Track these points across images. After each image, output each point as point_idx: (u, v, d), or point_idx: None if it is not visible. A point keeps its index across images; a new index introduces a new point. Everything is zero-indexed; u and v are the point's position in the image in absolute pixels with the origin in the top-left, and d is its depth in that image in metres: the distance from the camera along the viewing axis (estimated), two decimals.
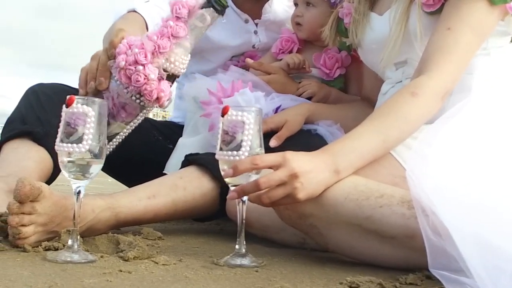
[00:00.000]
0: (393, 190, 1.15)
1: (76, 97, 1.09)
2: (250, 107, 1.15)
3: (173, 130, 1.95)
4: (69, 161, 1.09)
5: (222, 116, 1.13)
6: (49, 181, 1.56)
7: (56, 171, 1.59)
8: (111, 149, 1.31)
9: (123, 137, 1.32)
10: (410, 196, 1.11)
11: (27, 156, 1.50)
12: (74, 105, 1.08)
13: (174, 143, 1.84)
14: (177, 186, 1.44)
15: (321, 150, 1.21)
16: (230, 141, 1.12)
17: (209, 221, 1.66)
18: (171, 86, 1.31)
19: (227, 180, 1.15)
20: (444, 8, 1.35)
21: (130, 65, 1.23)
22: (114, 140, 1.29)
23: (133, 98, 1.23)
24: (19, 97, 1.70)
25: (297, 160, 1.11)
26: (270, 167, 1.12)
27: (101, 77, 1.24)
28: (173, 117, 2.11)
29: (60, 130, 1.09)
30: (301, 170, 1.10)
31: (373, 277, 1.01)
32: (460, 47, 1.30)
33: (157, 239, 1.35)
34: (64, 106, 1.09)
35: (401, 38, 1.38)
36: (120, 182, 1.97)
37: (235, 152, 1.11)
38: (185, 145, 1.74)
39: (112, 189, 2.19)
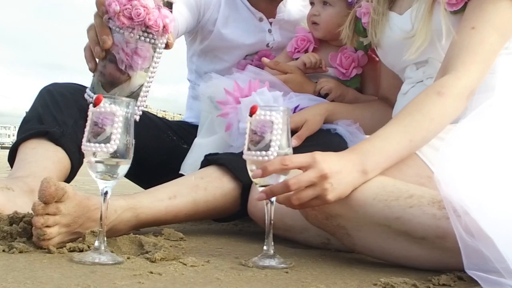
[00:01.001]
0: (422, 191, 1.14)
1: (104, 96, 1.07)
2: (278, 107, 1.13)
3: (187, 130, 1.93)
4: (97, 161, 1.07)
5: (250, 115, 1.12)
6: (67, 181, 1.55)
7: (73, 172, 1.57)
8: (144, 104, 1.28)
9: (149, 87, 1.27)
10: (440, 197, 1.10)
11: (45, 156, 1.48)
12: (101, 104, 1.06)
13: (188, 143, 1.83)
14: (197, 187, 1.43)
15: (349, 150, 1.20)
16: (259, 141, 1.11)
17: (229, 221, 1.65)
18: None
19: (255, 180, 1.14)
20: (467, 7, 1.35)
21: (125, 5, 1.20)
22: (142, 94, 1.25)
23: (142, 38, 1.21)
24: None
25: (327, 161, 1.10)
26: (299, 168, 1.11)
27: (102, 36, 1.21)
28: (185, 117, 2.09)
29: (87, 130, 1.08)
30: (331, 171, 1.09)
31: (407, 278, 1.01)
32: (485, 47, 1.30)
33: (180, 240, 1.33)
34: (91, 105, 1.08)
35: (428, 38, 1.37)
36: (134, 182, 1.95)
37: (264, 152, 1.10)
38: (201, 145, 1.72)
39: (121, 189, 2.18)
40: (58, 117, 1.57)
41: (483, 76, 1.31)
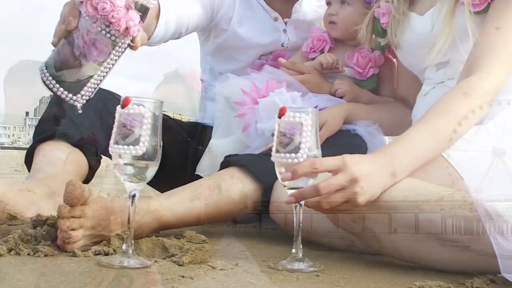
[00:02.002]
0: (452, 193, 1.13)
1: (132, 97, 1.06)
2: (307, 108, 1.12)
3: (200, 132, 1.92)
4: (126, 164, 1.05)
5: (279, 117, 1.11)
6: (84, 183, 1.52)
7: (91, 173, 1.56)
8: (89, 94, 1.23)
9: (99, 81, 1.24)
10: (471, 199, 1.09)
11: (63, 158, 1.47)
12: (129, 106, 1.05)
13: (202, 144, 1.81)
14: (219, 188, 1.42)
15: (377, 152, 1.19)
16: (288, 143, 1.09)
17: (249, 223, 1.63)
18: (140, 19, 1.22)
19: (284, 183, 1.12)
20: (491, 7, 1.34)
21: None
22: (89, 84, 1.22)
23: (103, 32, 1.19)
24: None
25: (356, 164, 1.09)
26: (329, 171, 1.09)
27: (69, 17, 1.18)
28: (198, 118, 2.08)
29: (115, 131, 1.06)
30: (361, 175, 1.08)
31: (441, 282, 1.00)
32: (509, 48, 1.29)
33: (203, 243, 1.31)
34: (119, 106, 1.06)
35: (450, 39, 1.36)
36: (147, 183, 1.93)
37: (293, 155, 1.09)
38: (217, 146, 1.71)
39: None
40: (74, 118, 1.56)
41: (508, 77, 1.30)
